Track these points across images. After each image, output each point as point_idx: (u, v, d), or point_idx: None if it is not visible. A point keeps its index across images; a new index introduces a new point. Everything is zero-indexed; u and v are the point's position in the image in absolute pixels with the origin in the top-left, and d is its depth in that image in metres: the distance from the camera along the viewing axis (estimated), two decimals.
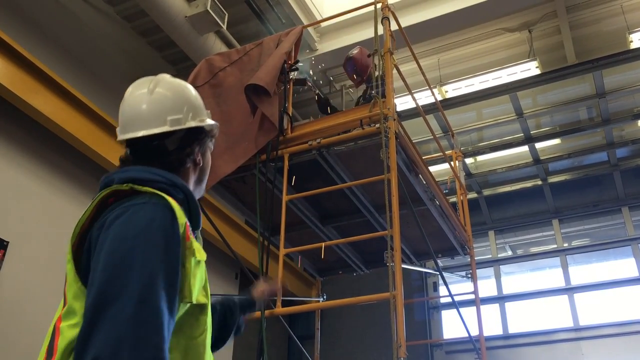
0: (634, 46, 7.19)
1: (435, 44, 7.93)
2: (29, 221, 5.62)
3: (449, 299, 6.95)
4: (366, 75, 5.41)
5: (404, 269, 4.05)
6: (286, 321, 6.28)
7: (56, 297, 1.38)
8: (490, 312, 8.88)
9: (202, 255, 1.38)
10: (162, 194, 1.34)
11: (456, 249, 6.18)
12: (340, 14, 5.82)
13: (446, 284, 5.71)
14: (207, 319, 1.37)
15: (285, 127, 4.68)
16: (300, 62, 5.13)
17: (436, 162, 8.23)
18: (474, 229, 7.64)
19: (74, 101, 5.90)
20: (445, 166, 8.30)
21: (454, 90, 7.98)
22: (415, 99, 5.39)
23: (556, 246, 9.20)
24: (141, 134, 1.50)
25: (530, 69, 7.59)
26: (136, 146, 1.52)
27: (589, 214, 9.25)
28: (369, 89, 5.43)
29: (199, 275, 1.35)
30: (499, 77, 7.70)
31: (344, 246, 5.83)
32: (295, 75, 5.01)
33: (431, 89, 6.12)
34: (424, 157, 5.36)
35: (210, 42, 6.64)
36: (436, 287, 9.55)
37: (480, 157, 9.24)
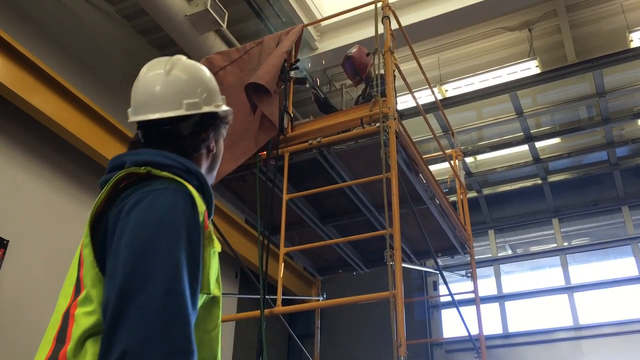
0: (634, 45, 7.20)
1: (435, 43, 7.93)
2: (29, 220, 5.62)
3: (449, 298, 6.96)
4: (365, 74, 5.42)
5: (404, 268, 4.05)
6: (286, 320, 6.29)
7: (56, 296, 1.36)
8: (490, 311, 8.88)
9: (218, 246, 1.35)
10: (181, 180, 1.30)
11: (456, 248, 6.18)
12: (340, 13, 5.82)
13: (446, 283, 5.71)
14: (220, 312, 1.33)
15: (285, 126, 4.68)
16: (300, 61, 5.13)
17: (436, 161, 8.24)
18: (474, 228, 7.64)
19: (74, 100, 5.90)
20: (445, 165, 8.30)
21: (454, 89, 7.98)
22: (415, 98, 5.39)
23: (556, 245, 9.21)
24: (156, 116, 1.43)
25: (530, 68, 7.60)
26: (149, 128, 1.46)
27: (589, 213, 9.25)
28: (368, 88, 5.43)
29: (214, 266, 1.32)
30: (499, 76, 7.71)
31: (344, 245, 5.83)
32: (295, 74, 5.01)
33: (431, 88, 6.12)
34: (424, 156, 5.36)
35: (210, 41, 6.64)
36: (436, 286, 9.55)
37: (480, 156, 9.24)
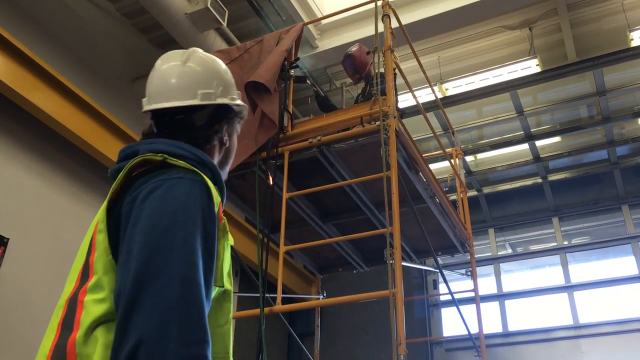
0: (634, 44, 7.19)
1: (435, 41, 7.92)
2: (29, 218, 5.62)
3: (449, 297, 6.96)
4: (364, 72, 5.42)
5: (404, 266, 4.05)
6: (286, 319, 6.29)
7: (57, 293, 1.35)
8: (490, 309, 8.88)
9: (231, 239, 1.33)
10: (198, 170, 1.28)
11: (456, 247, 6.18)
12: (340, 12, 5.82)
13: (446, 281, 5.71)
14: (231, 307, 1.31)
15: (285, 125, 4.69)
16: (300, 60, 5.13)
17: (436, 159, 8.23)
18: (474, 226, 7.64)
19: (74, 98, 5.90)
20: (445, 164, 8.30)
21: (454, 88, 7.98)
22: (415, 97, 5.38)
23: (556, 244, 9.21)
24: (170, 104, 1.44)
25: (530, 66, 7.59)
26: (162, 118, 1.47)
27: (589, 212, 9.24)
28: (368, 86, 5.43)
29: (227, 259, 1.30)
30: (500, 75, 7.70)
31: (344, 244, 5.83)
32: (295, 72, 5.01)
33: (432, 86, 6.12)
34: (424, 155, 5.36)
35: (210, 40, 6.64)
36: (436, 285, 9.56)
37: (480, 155, 9.23)
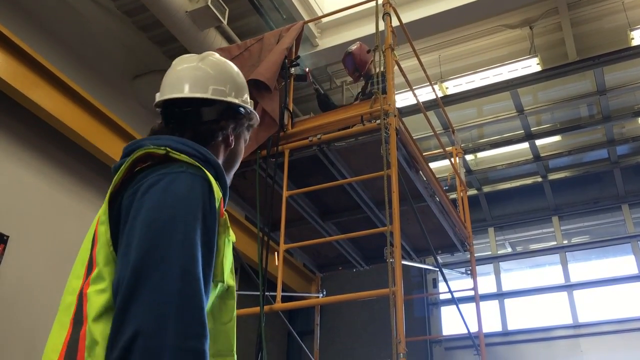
0: (635, 43, 7.19)
1: (436, 40, 7.92)
2: (29, 216, 5.62)
3: (449, 296, 6.97)
4: (364, 70, 5.43)
5: (404, 265, 4.05)
6: (286, 317, 6.29)
7: (56, 291, 1.34)
8: (489, 308, 8.89)
9: (233, 236, 1.33)
10: (199, 165, 1.29)
11: (456, 246, 6.18)
12: (341, 10, 5.82)
13: (446, 280, 5.71)
14: (234, 304, 1.31)
15: (285, 123, 4.69)
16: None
17: (436, 158, 8.23)
18: (474, 225, 7.64)
19: (74, 96, 5.90)
20: (445, 163, 8.30)
21: (454, 86, 7.97)
22: (416, 95, 5.38)
23: (556, 243, 9.21)
24: (181, 95, 1.50)
25: (531, 65, 7.59)
26: (171, 109, 1.51)
27: (589, 211, 9.24)
28: (367, 84, 5.43)
29: (228, 256, 1.30)
30: (500, 74, 7.69)
31: (344, 242, 5.83)
32: (295, 70, 5.00)
33: (432, 85, 6.11)
34: (424, 154, 5.36)
35: (210, 38, 6.63)
36: (436, 284, 9.56)
37: (480, 154, 9.23)
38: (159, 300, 1.06)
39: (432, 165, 6.46)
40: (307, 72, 5.21)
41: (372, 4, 4.96)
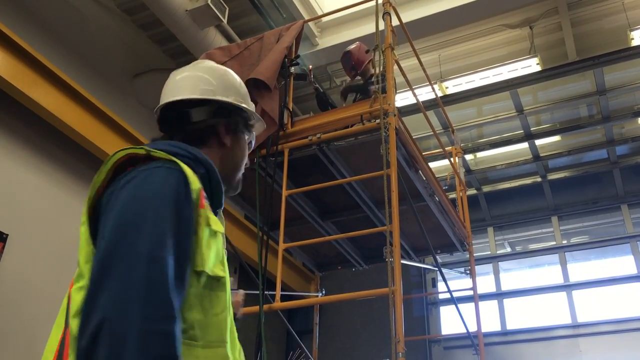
0: (634, 43, 7.19)
1: (436, 39, 7.92)
2: (28, 214, 5.62)
3: (448, 295, 6.97)
4: (360, 69, 5.44)
5: (403, 264, 4.05)
6: (285, 316, 6.29)
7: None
8: (488, 308, 8.89)
9: (218, 226, 1.33)
10: (177, 160, 1.31)
11: (455, 245, 6.19)
12: (341, 9, 5.81)
13: (445, 280, 5.72)
14: (227, 296, 1.31)
15: (285, 122, 4.68)
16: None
17: (436, 158, 8.23)
18: (473, 225, 7.64)
19: (74, 94, 5.90)
20: (445, 162, 8.30)
21: (454, 86, 7.97)
22: (415, 95, 5.38)
23: (555, 243, 9.21)
24: (172, 99, 1.57)
25: (530, 65, 7.59)
26: (165, 114, 1.59)
27: (588, 211, 9.24)
28: (366, 84, 5.43)
29: (214, 246, 1.30)
30: (500, 74, 7.70)
31: (343, 241, 5.83)
32: (295, 70, 5.01)
33: (432, 85, 6.12)
34: (423, 153, 5.36)
35: (210, 36, 6.63)
36: (435, 283, 9.56)
37: (480, 154, 9.23)
38: (124, 286, 1.07)
39: (432, 164, 6.46)
40: (309, 70, 5.22)
41: (372, 3, 4.96)
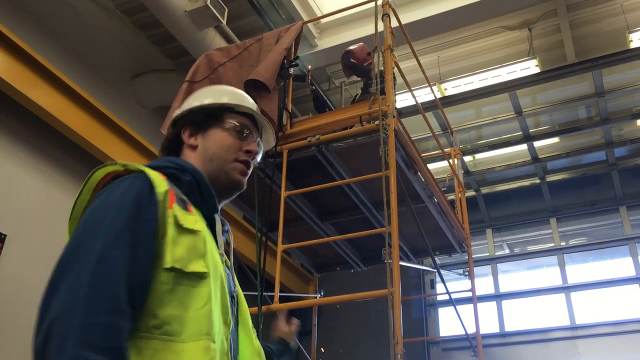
0: (633, 45, 7.20)
1: (435, 41, 7.93)
2: (27, 214, 5.62)
3: (446, 297, 6.96)
4: (359, 70, 5.44)
5: (402, 266, 4.05)
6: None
7: None
8: (487, 310, 8.89)
9: (192, 224, 1.34)
10: (145, 169, 1.35)
11: (454, 247, 6.18)
12: (340, 10, 5.82)
13: (443, 281, 5.71)
14: (210, 290, 1.31)
15: (284, 123, 4.68)
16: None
17: (435, 159, 8.24)
18: (472, 226, 7.63)
19: (73, 95, 5.89)
20: (444, 164, 8.31)
21: (453, 88, 7.97)
22: (414, 97, 5.38)
23: (553, 245, 9.21)
24: (164, 128, 1.69)
25: (529, 67, 7.59)
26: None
27: (587, 213, 9.25)
28: (366, 85, 5.43)
29: (188, 243, 1.31)
30: (499, 75, 7.70)
31: (342, 243, 5.82)
32: (294, 71, 5.00)
33: (431, 86, 6.12)
34: (422, 155, 5.36)
35: (209, 37, 6.63)
36: (433, 285, 9.56)
37: (478, 155, 9.24)
38: (73, 286, 1.13)
39: (431, 166, 6.47)
40: (308, 70, 5.22)
41: (372, 4, 4.96)
